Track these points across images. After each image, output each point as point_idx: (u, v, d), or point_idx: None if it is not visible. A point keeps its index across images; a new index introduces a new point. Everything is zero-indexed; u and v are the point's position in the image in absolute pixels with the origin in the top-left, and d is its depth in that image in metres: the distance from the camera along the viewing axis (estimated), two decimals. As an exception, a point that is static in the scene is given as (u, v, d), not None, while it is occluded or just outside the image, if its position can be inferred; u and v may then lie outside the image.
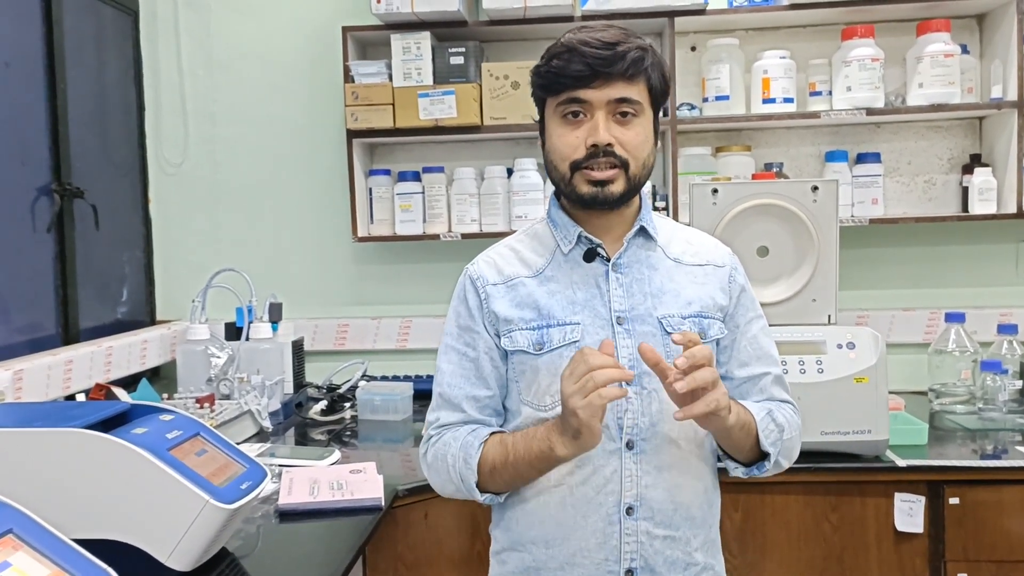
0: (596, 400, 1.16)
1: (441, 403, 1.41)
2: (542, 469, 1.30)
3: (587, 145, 1.30)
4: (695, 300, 1.38)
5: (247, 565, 1.46)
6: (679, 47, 2.72)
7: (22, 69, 2.30)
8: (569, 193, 1.35)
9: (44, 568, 1.01)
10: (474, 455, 1.32)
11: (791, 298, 2.12)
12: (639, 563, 1.31)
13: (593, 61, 1.27)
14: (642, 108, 1.32)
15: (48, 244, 2.38)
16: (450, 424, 1.39)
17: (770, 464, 1.36)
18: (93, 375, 2.35)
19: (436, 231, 2.73)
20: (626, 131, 1.31)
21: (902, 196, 2.76)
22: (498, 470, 1.31)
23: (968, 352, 2.43)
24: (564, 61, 1.29)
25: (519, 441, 1.30)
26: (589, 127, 1.30)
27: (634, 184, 1.33)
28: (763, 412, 1.35)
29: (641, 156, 1.32)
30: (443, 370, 1.41)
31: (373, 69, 2.64)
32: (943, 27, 2.52)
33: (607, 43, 1.28)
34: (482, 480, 1.33)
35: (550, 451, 1.25)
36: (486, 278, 1.40)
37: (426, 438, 1.41)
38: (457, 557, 2.00)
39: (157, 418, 1.45)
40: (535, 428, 1.30)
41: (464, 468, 1.33)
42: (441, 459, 1.36)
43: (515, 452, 1.29)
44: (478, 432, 1.35)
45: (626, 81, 1.29)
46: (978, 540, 2.00)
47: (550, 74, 1.31)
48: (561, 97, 1.31)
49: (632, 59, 1.28)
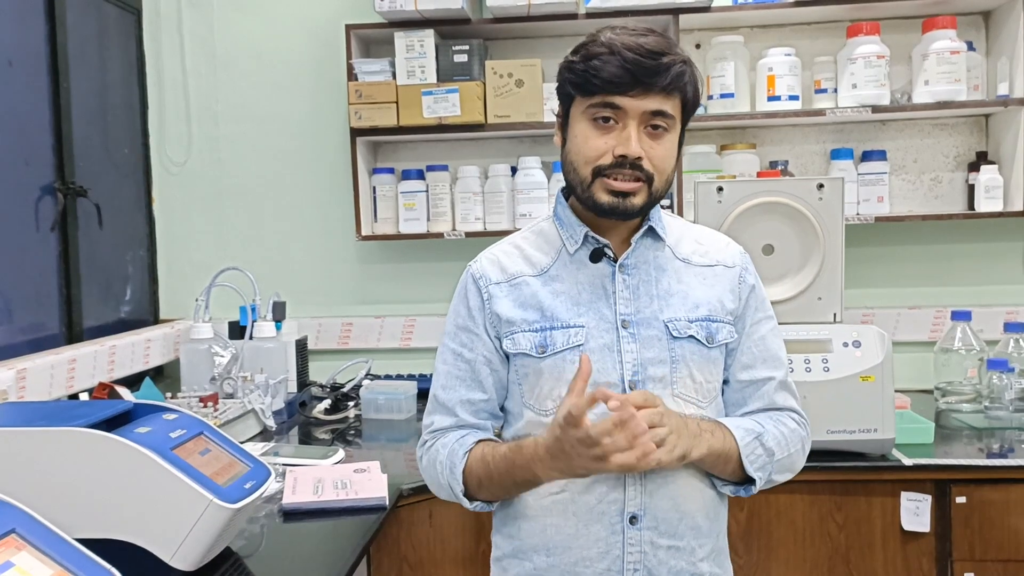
0: (609, 467, 1.14)
1: (436, 407, 1.40)
2: (526, 489, 1.30)
3: (615, 154, 1.26)
4: (703, 303, 1.35)
5: (251, 565, 1.46)
6: (684, 44, 2.71)
7: (25, 68, 2.30)
8: (586, 199, 1.31)
9: (47, 568, 1.00)
10: (459, 464, 1.31)
11: (796, 296, 2.11)
12: (642, 573, 1.29)
13: (635, 68, 1.22)
14: (674, 123, 1.28)
15: (51, 243, 2.38)
16: (443, 429, 1.38)
17: (756, 488, 1.33)
18: (96, 374, 2.34)
19: (440, 230, 2.72)
20: (656, 145, 1.27)
21: (908, 194, 2.74)
22: (484, 485, 1.31)
23: (974, 350, 2.42)
24: (603, 62, 1.23)
25: (499, 462, 1.27)
26: (620, 136, 1.26)
27: (655, 199, 1.31)
28: (750, 436, 1.30)
29: (666, 172, 1.30)
30: (439, 371, 1.40)
31: (377, 67, 2.63)
32: (949, 24, 2.51)
33: (652, 51, 1.23)
34: (470, 490, 1.32)
35: (535, 478, 1.25)
36: (489, 277, 1.38)
37: (421, 442, 1.41)
38: (461, 557, 1.99)
39: (160, 417, 1.45)
40: (514, 449, 1.26)
41: (451, 478, 1.32)
42: (432, 467, 1.36)
43: (497, 471, 1.28)
44: (464, 440, 1.34)
45: (664, 94, 1.25)
46: (985, 539, 1.99)
47: (587, 73, 1.25)
48: (594, 99, 1.26)
49: (675, 73, 1.24)
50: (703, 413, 1.32)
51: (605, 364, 1.30)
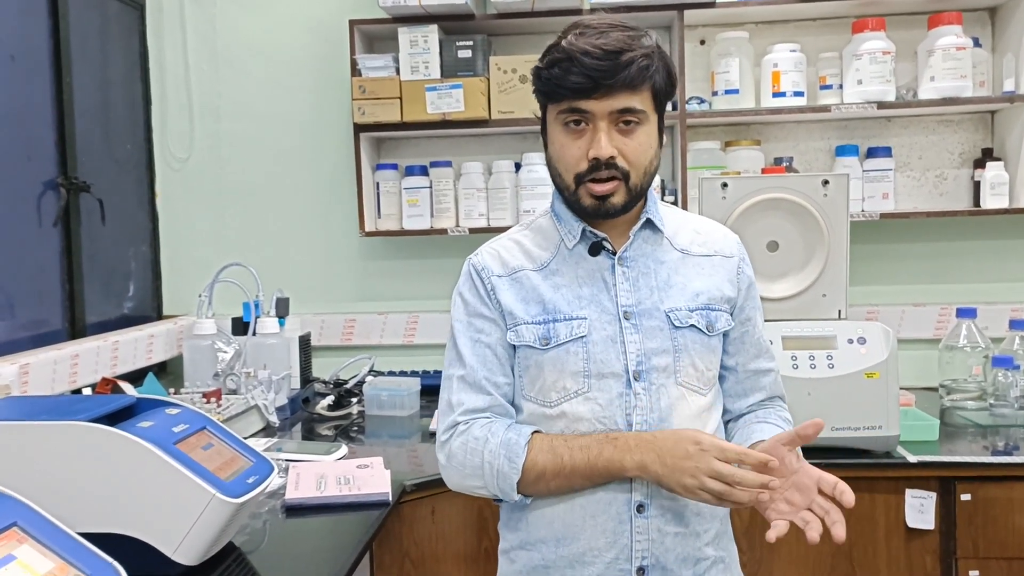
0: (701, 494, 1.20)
1: (463, 386, 1.35)
2: (597, 482, 1.28)
3: (589, 158, 1.27)
4: (703, 292, 1.36)
5: (254, 560, 1.45)
6: (688, 40, 2.70)
7: (28, 63, 2.30)
8: (573, 203, 1.34)
9: (49, 561, 1.00)
10: (520, 455, 1.28)
11: (801, 293, 2.10)
12: (650, 561, 1.29)
13: (594, 73, 1.23)
14: (646, 116, 1.28)
15: (54, 238, 2.38)
16: (477, 410, 1.34)
17: None
18: (99, 369, 2.34)
19: (443, 226, 2.72)
20: (628, 141, 1.28)
21: (913, 191, 2.74)
22: (547, 478, 1.28)
23: (979, 348, 2.41)
24: (563, 70, 1.25)
25: (578, 453, 1.26)
26: (591, 138, 1.27)
27: (635, 193, 1.31)
28: None
29: (642, 164, 1.30)
30: (463, 353, 1.36)
31: (380, 63, 2.63)
32: (955, 20, 2.50)
33: (609, 52, 1.23)
34: (524, 481, 1.29)
35: (620, 470, 1.25)
36: (491, 269, 1.38)
37: (450, 423, 1.34)
38: (463, 554, 1.99)
39: (163, 412, 1.44)
40: (603, 440, 1.27)
41: (507, 467, 1.28)
42: (472, 453, 1.31)
43: (573, 461, 1.26)
44: (519, 428, 1.31)
45: (629, 91, 1.25)
46: (989, 537, 1.98)
47: (551, 82, 1.27)
48: (562, 106, 1.28)
49: (637, 68, 1.24)
50: (705, 400, 1.34)
51: (608, 355, 1.30)
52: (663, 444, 1.23)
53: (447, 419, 1.35)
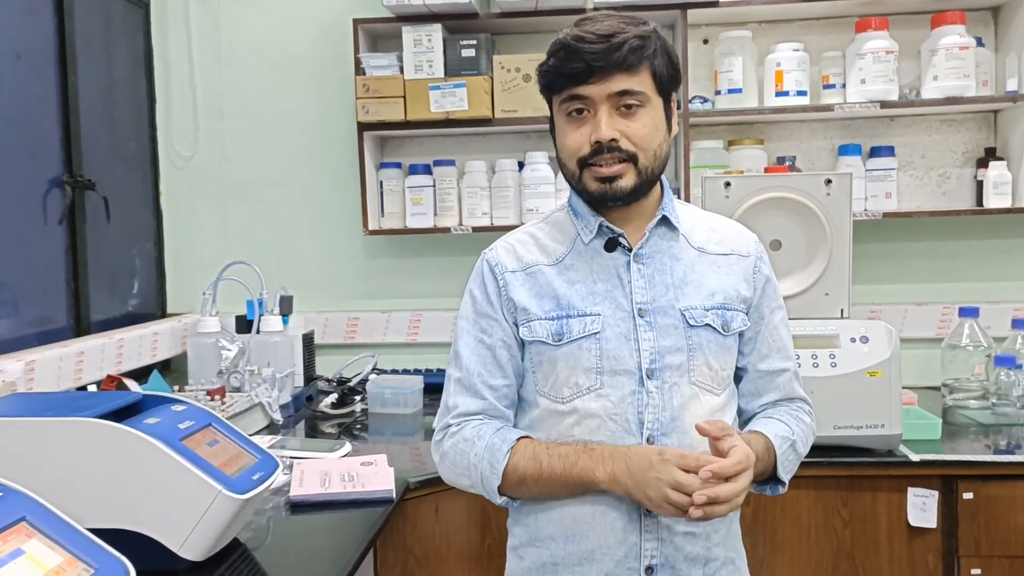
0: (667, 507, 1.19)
1: (459, 389, 1.37)
2: (574, 492, 1.29)
3: (591, 142, 1.28)
4: (718, 291, 1.35)
5: (259, 556, 1.46)
6: (691, 40, 2.70)
7: (33, 61, 2.31)
8: (580, 191, 1.34)
9: (57, 556, 1.01)
10: (501, 460, 1.29)
11: (804, 292, 2.11)
12: (659, 560, 1.29)
13: (588, 56, 1.24)
14: (647, 98, 1.28)
15: (59, 236, 2.38)
16: (470, 413, 1.36)
17: (783, 489, 1.37)
18: (104, 367, 2.35)
19: (447, 224, 2.73)
20: (631, 123, 1.28)
21: (916, 190, 2.74)
22: (527, 483, 1.29)
23: (982, 347, 2.41)
24: (560, 59, 1.27)
25: (555, 461, 1.27)
26: (593, 123, 1.28)
27: (646, 177, 1.30)
28: (786, 445, 1.34)
29: (651, 147, 1.29)
30: (461, 355, 1.38)
31: (384, 62, 2.63)
32: (958, 19, 2.50)
33: (602, 35, 1.25)
34: (506, 485, 1.30)
35: (592, 482, 1.26)
36: (504, 264, 1.38)
37: (443, 425, 1.38)
38: (467, 551, 2.00)
39: (169, 408, 1.45)
40: (580, 450, 1.27)
41: (488, 471, 1.30)
42: (461, 454, 1.33)
43: (551, 469, 1.27)
44: (504, 434, 1.32)
45: (626, 73, 1.26)
46: (991, 535, 1.98)
47: (549, 73, 1.30)
48: (563, 95, 1.30)
49: (630, 48, 1.25)
50: (719, 399, 1.34)
51: (622, 352, 1.30)
52: (633, 455, 1.23)
53: (442, 420, 1.39)
